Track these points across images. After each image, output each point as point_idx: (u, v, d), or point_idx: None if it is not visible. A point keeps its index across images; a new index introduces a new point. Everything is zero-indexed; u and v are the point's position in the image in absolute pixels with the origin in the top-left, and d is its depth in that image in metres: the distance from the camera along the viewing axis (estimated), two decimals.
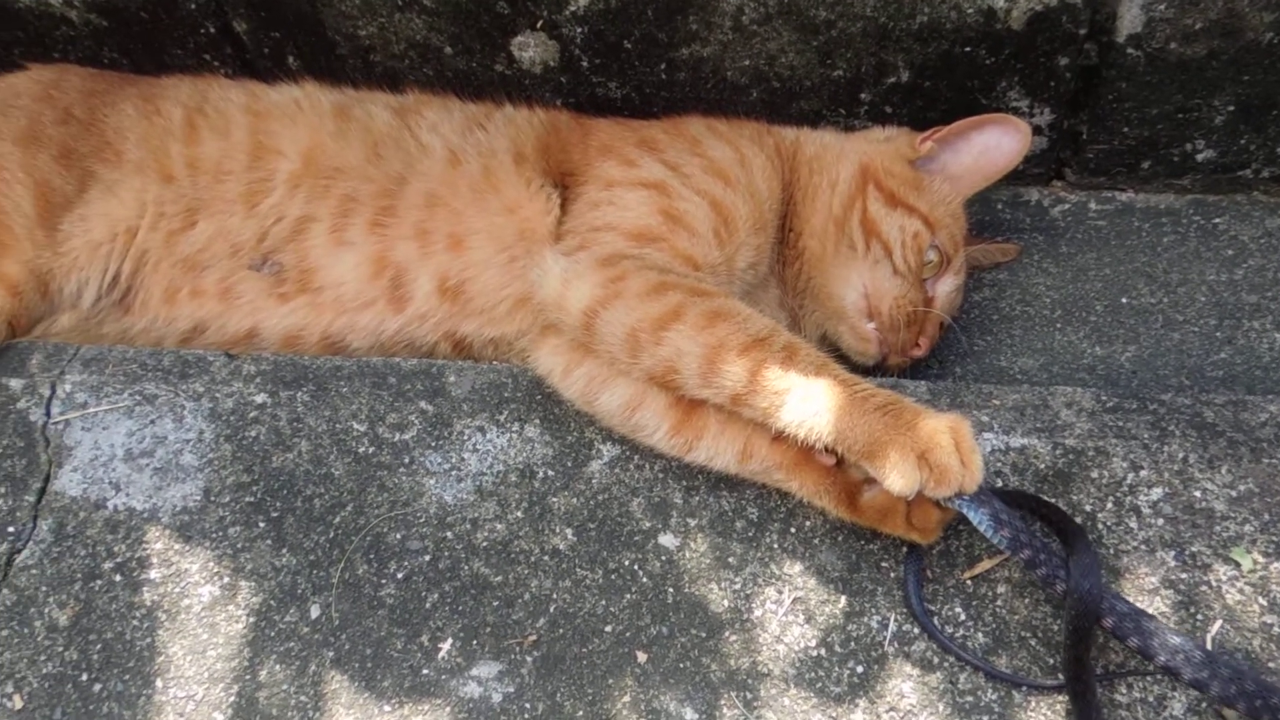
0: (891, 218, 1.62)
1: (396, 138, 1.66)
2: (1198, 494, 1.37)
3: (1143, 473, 1.40)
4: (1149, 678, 1.25)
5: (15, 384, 1.54)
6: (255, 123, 1.67)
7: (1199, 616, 1.29)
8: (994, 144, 1.66)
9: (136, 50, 1.89)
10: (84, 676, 1.32)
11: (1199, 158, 1.83)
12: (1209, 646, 1.26)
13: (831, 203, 1.66)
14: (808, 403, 1.28)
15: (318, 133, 1.66)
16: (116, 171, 1.64)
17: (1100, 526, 1.36)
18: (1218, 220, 1.88)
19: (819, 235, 1.67)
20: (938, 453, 1.22)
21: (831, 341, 1.69)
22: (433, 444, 1.47)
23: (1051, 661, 1.27)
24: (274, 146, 1.65)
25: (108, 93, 1.72)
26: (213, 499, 1.44)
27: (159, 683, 1.31)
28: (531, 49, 1.79)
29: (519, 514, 1.41)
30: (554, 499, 1.42)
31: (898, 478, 1.21)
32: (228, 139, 1.65)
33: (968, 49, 1.71)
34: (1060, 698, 1.25)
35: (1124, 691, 1.25)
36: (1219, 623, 1.28)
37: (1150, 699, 1.24)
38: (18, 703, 1.30)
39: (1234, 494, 1.37)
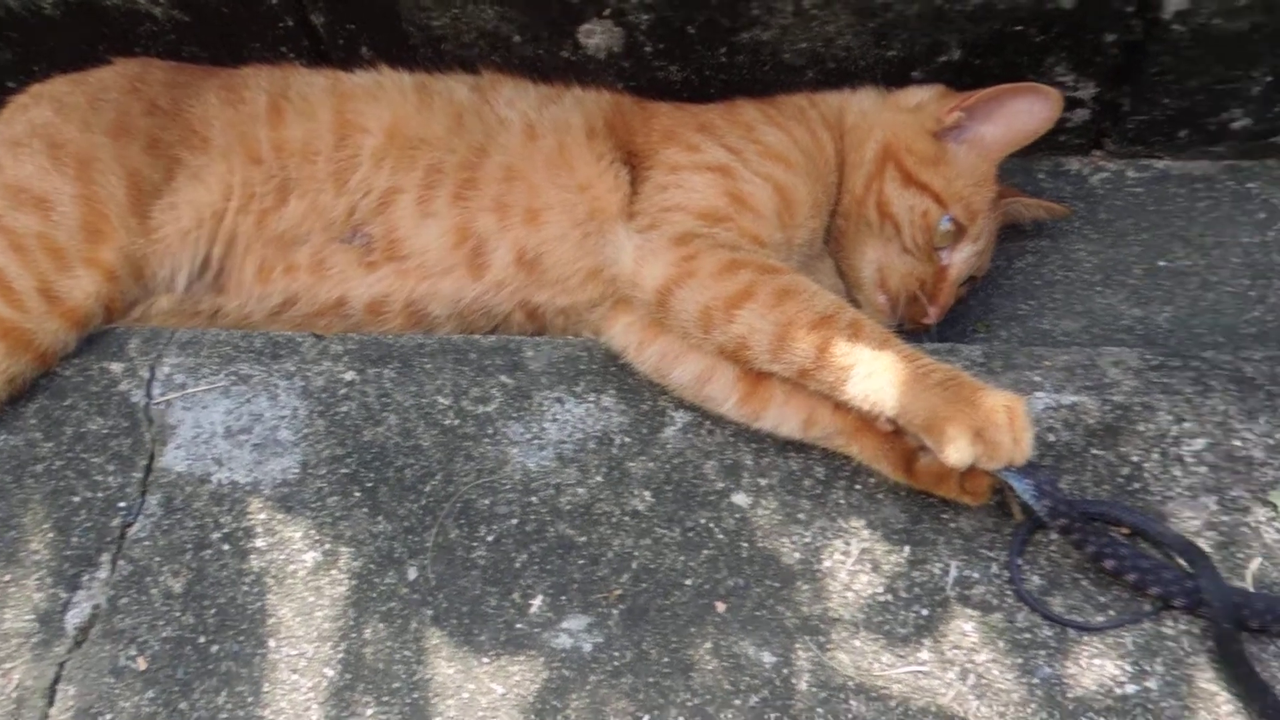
0: (904, 197, 1.67)
1: (477, 109, 1.72)
2: (1238, 443, 1.44)
3: (1186, 425, 1.46)
4: None
5: (116, 367, 1.61)
6: (340, 103, 1.72)
7: (1239, 555, 1.36)
8: (1025, 110, 1.68)
9: (216, 44, 1.94)
10: (201, 639, 1.38)
11: (1234, 126, 1.87)
12: (1249, 582, 1.34)
13: (856, 182, 1.72)
14: (872, 379, 1.35)
15: (401, 107, 1.71)
16: (203, 157, 1.69)
17: (1147, 475, 1.43)
18: (1250, 185, 1.93)
19: (843, 213, 1.73)
20: (993, 430, 1.28)
21: None
22: (514, 415, 1.55)
23: (1102, 599, 1.35)
24: (360, 124, 1.70)
25: (190, 84, 1.76)
26: (310, 471, 1.51)
27: (271, 642, 1.37)
28: (598, 35, 1.84)
29: (599, 479, 1.49)
30: (631, 464, 1.50)
31: (954, 452, 1.28)
32: (314, 120, 1.70)
33: (1019, 28, 1.75)
34: (1111, 633, 1.33)
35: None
36: (1258, 560, 1.35)
37: None
38: (142, 664, 1.37)
39: (1271, 442, 1.44)
